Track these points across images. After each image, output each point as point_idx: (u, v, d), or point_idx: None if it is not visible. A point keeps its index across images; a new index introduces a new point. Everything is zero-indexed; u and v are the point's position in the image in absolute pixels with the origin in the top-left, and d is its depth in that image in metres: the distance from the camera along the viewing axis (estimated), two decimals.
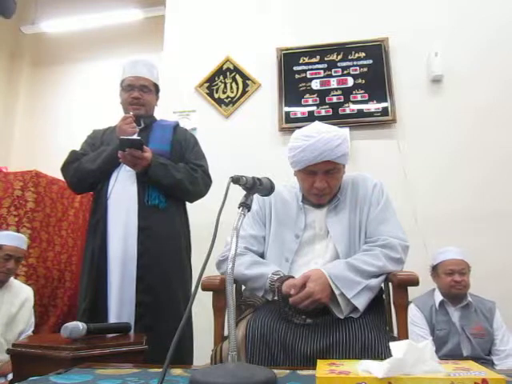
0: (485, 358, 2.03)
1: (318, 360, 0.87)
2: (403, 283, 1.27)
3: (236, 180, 1.07)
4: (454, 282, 2.09)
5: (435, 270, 2.19)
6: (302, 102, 2.99)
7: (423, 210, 2.66)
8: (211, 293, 1.33)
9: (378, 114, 2.88)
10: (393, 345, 0.77)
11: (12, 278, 2.26)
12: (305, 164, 1.37)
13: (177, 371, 0.98)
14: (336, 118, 2.89)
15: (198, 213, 2.16)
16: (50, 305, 2.67)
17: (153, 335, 1.60)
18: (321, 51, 3.04)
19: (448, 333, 2.07)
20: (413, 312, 2.13)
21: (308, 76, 3.02)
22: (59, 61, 4.60)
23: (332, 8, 3.09)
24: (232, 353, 0.86)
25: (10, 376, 1.87)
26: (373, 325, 1.22)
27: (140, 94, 1.95)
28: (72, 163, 1.93)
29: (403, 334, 1.25)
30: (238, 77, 3.14)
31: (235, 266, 0.93)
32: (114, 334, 1.57)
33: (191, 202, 2.03)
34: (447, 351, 2.03)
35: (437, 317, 2.10)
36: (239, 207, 1.05)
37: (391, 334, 1.35)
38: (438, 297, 2.15)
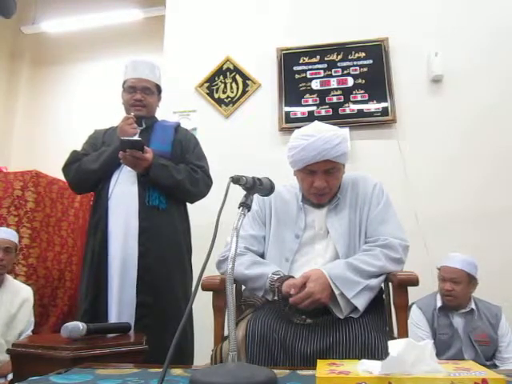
0: (486, 364, 1.97)
1: (318, 360, 0.87)
2: (403, 283, 1.27)
3: (236, 180, 1.07)
4: (444, 290, 2.05)
5: (438, 273, 2.15)
6: (302, 102, 2.98)
7: (423, 209, 2.66)
8: (211, 293, 1.34)
9: (378, 114, 2.88)
10: (391, 343, 0.77)
11: (11, 278, 2.26)
12: (304, 163, 1.37)
13: (177, 371, 0.98)
14: (336, 117, 2.89)
15: (199, 213, 2.16)
16: (50, 305, 2.67)
17: (153, 335, 1.60)
18: (321, 51, 3.03)
19: (450, 337, 2.03)
20: (415, 313, 2.10)
21: (308, 76, 3.02)
22: (59, 61, 4.60)
23: (332, 8, 3.08)
24: (232, 353, 0.86)
25: (10, 376, 1.87)
26: (373, 325, 1.22)
27: (142, 96, 1.95)
28: (73, 163, 1.93)
29: (403, 334, 1.25)
30: (237, 77, 3.14)
31: (235, 266, 0.93)
32: (114, 334, 1.57)
33: (192, 202, 2.03)
34: (449, 356, 1.98)
35: (438, 320, 2.07)
36: (239, 207, 1.05)
37: (391, 334, 1.35)
38: (439, 301, 2.11)
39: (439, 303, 2.11)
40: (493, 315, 2.08)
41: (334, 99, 2.95)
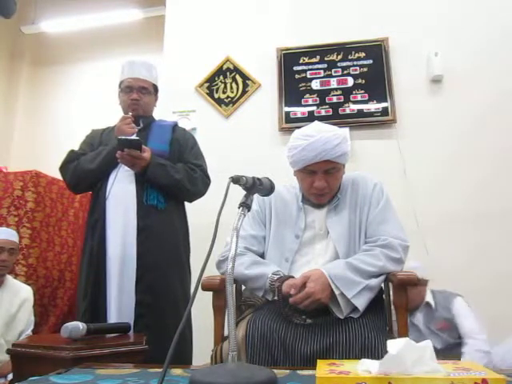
0: (457, 341, 2.05)
1: (318, 360, 0.87)
2: (403, 283, 1.27)
3: (236, 180, 1.07)
4: None
5: None
6: (302, 102, 2.98)
7: (423, 210, 2.66)
8: (211, 293, 1.33)
9: (378, 114, 2.88)
10: (390, 342, 0.77)
11: (11, 278, 2.26)
12: (304, 163, 1.37)
13: (177, 371, 0.98)
14: (336, 117, 2.89)
15: (198, 213, 2.16)
16: (50, 305, 2.67)
17: (153, 335, 1.60)
18: (321, 51, 3.03)
19: (411, 336, 2.07)
20: None
21: (308, 76, 3.02)
22: (59, 61, 4.60)
23: (332, 8, 3.08)
24: (232, 353, 0.86)
25: (10, 376, 1.87)
26: (373, 325, 1.22)
27: (139, 96, 1.95)
28: (70, 163, 1.93)
29: (403, 334, 1.25)
30: (237, 77, 3.14)
31: (235, 266, 0.93)
32: (114, 334, 1.57)
33: (190, 201, 2.03)
34: None
35: None
36: (239, 207, 1.05)
37: (391, 334, 1.35)
38: None
39: None
40: (446, 298, 2.14)
41: (334, 99, 2.95)
